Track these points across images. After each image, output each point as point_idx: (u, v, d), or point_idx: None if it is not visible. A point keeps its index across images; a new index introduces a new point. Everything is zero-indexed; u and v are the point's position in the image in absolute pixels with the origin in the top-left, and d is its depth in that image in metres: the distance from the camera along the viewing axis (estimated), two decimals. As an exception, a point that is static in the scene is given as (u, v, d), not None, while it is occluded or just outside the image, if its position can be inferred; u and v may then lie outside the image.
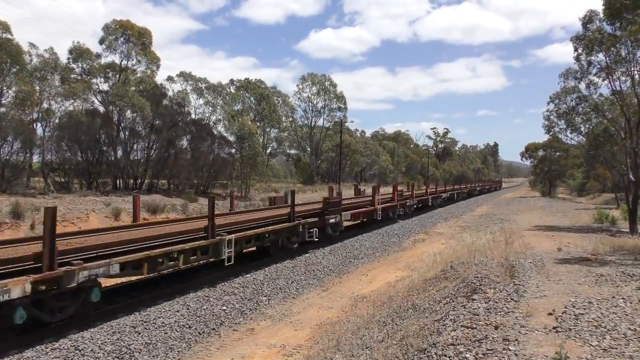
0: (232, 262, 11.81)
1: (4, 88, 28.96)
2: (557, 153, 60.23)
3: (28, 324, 7.55)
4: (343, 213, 18.64)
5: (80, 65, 34.83)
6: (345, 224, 19.99)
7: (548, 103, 25.76)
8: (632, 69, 20.39)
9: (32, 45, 30.34)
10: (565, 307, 7.01)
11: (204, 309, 9.93)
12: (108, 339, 7.99)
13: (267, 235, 14.01)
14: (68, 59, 34.09)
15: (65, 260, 8.00)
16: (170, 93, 40.83)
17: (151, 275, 11.89)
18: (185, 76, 46.76)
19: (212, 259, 11.69)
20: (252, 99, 57.58)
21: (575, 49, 21.81)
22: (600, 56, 21.30)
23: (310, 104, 64.77)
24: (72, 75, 33.68)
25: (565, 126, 25.67)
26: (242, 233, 12.75)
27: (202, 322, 9.41)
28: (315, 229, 16.28)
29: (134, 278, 11.24)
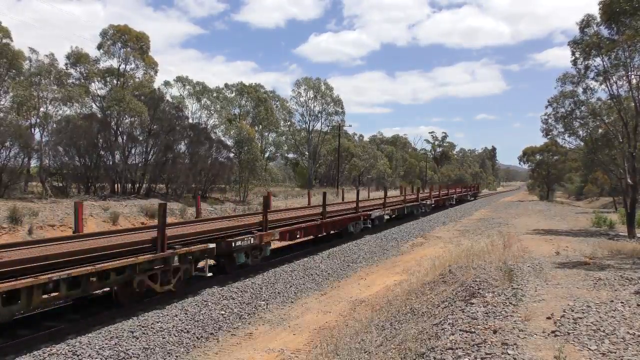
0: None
1: (2, 93, 28.97)
2: (555, 157, 60.38)
3: None
4: (275, 231, 14.36)
5: (78, 69, 34.88)
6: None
7: (546, 107, 25.96)
8: (630, 73, 20.50)
9: (32, 50, 30.39)
10: (564, 311, 7.01)
11: (202, 314, 9.90)
12: (106, 344, 7.97)
13: (91, 277, 8.62)
14: (66, 64, 34.14)
15: None
16: (168, 97, 40.91)
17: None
18: (182, 81, 46.82)
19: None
20: (249, 103, 57.58)
21: (573, 53, 21.93)
22: (598, 60, 21.43)
23: (307, 108, 64.83)
24: (71, 80, 33.69)
25: (563, 130, 25.83)
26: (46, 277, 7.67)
27: (201, 326, 9.38)
28: (207, 262, 11.40)
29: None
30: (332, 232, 19.95)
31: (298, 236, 16.17)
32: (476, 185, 77.61)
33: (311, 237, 18.21)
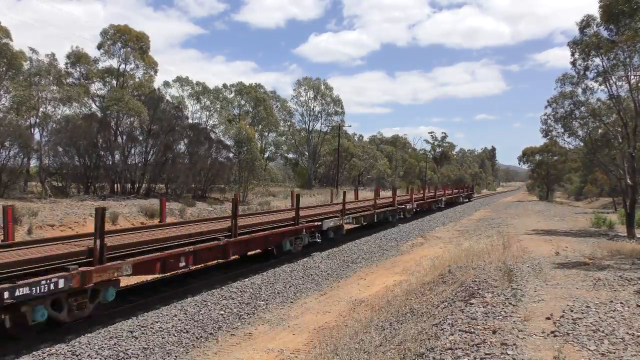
0: None
1: (2, 93, 28.98)
2: (555, 157, 60.38)
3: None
4: (124, 262, 9.09)
5: (78, 69, 34.95)
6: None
7: (546, 107, 25.94)
8: (629, 74, 20.50)
9: (32, 50, 30.42)
10: (563, 312, 7.01)
11: (201, 314, 9.90)
12: (105, 343, 7.97)
13: None
14: (66, 63, 34.20)
15: None
16: (168, 97, 40.98)
17: (149, 279, 11.92)
18: (182, 81, 46.86)
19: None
20: (248, 102, 57.61)
21: (572, 54, 21.90)
22: (597, 61, 21.42)
23: (307, 108, 64.87)
24: (70, 80, 33.74)
25: (562, 130, 25.81)
26: None
27: (200, 326, 9.38)
28: None
29: (133, 282, 11.22)
30: (264, 250, 14.87)
31: (182, 264, 10.81)
32: (470, 186, 70.25)
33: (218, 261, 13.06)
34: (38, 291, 7.43)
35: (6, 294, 6.99)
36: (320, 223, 17.42)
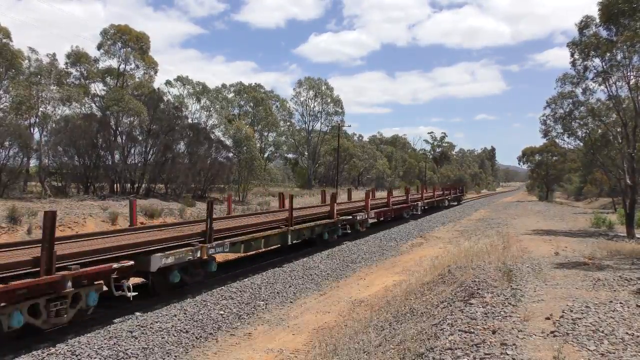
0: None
1: (1, 92, 28.98)
2: (554, 157, 60.42)
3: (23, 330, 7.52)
4: None
5: (78, 69, 34.95)
6: None
7: (545, 107, 25.96)
8: (629, 74, 20.52)
9: (32, 50, 30.39)
10: (563, 312, 7.01)
11: (201, 314, 9.90)
12: (105, 343, 7.97)
13: None
14: (66, 63, 34.20)
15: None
16: (168, 97, 40.98)
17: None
18: (182, 81, 46.85)
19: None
20: (248, 102, 57.61)
21: (572, 54, 21.93)
22: (597, 61, 21.44)
23: (307, 108, 64.84)
24: (70, 80, 33.74)
25: (562, 130, 25.83)
26: None
27: (200, 326, 9.38)
28: None
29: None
30: None
31: None
32: (460, 187, 58.60)
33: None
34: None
35: None
36: (133, 263, 9.20)
